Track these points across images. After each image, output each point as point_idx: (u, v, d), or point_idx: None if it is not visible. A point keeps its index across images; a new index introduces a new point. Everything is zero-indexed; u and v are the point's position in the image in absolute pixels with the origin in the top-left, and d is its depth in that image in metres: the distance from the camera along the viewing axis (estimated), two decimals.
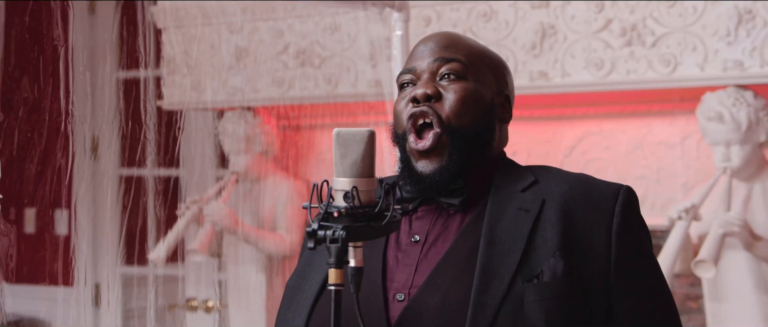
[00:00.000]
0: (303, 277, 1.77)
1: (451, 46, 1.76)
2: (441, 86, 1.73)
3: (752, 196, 3.46)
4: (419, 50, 1.79)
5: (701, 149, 3.80)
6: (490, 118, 1.75)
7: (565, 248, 1.61)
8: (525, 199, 1.68)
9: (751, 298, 3.47)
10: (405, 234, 1.71)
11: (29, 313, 4.71)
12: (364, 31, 4.01)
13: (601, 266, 1.63)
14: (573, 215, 1.65)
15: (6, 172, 2.87)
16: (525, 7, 3.70)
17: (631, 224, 1.69)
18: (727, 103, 3.39)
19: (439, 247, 1.67)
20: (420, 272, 1.65)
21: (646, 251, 1.71)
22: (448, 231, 1.69)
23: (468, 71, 1.74)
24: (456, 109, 1.70)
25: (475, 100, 1.72)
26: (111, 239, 4.23)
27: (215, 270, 4.57)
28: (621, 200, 1.68)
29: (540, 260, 1.61)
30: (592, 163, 3.98)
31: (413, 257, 1.68)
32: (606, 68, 3.56)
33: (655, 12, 3.50)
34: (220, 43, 4.39)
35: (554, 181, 1.71)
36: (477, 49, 1.79)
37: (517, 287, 1.58)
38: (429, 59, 1.76)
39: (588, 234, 1.64)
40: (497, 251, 1.62)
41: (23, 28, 3.12)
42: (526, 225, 1.64)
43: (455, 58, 1.74)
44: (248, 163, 4.40)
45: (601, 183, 1.72)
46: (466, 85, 1.72)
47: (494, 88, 1.77)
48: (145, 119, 3.37)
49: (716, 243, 3.30)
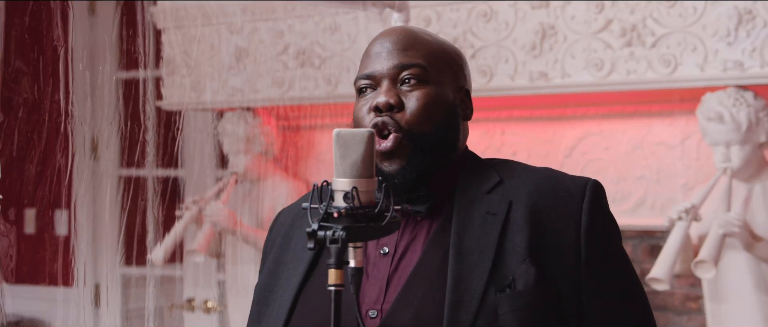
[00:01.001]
0: (275, 277, 1.75)
1: (410, 47, 1.71)
2: (402, 92, 1.69)
3: (752, 196, 3.46)
4: (375, 53, 1.73)
5: (701, 150, 3.80)
6: (452, 118, 1.71)
7: (535, 253, 1.59)
8: (491, 201, 1.65)
9: (751, 298, 3.47)
10: (373, 245, 1.68)
11: (29, 314, 4.71)
12: (364, 32, 4.01)
13: (571, 266, 1.61)
14: (541, 216, 1.62)
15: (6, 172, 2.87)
16: (525, 8, 3.69)
17: (600, 221, 1.66)
18: (727, 103, 3.39)
19: (409, 259, 1.64)
20: (392, 287, 1.63)
21: (616, 248, 1.69)
22: (417, 240, 1.66)
23: (428, 74, 1.69)
24: (418, 116, 1.67)
25: (437, 105, 1.68)
26: (110, 239, 4.23)
27: (215, 270, 4.57)
28: (588, 197, 1.65)
29: (511, 267, 1.58)
30: (592, 163, 3.98)
31: (383, 271, 1.65)
32: (606, 69, 3.56)
33: (655, 12, 3.50)
34: (220, 44, 4.39)
35: (520, 179, 1.68)
36: (435, 47, 1.73)
37: (490, 299, 1.56)
38: (388, 63, 1.71)
39: (557, 235, 1.62)
40: (467, 262, 1.59)
41: (23, 29, 3.12)
42: (494, 230, 1.61)
43: (415, 63, 1.69)
44: (248, 164, 4.40)
45: (566, 179, 1.69)
46: (428, 91, 1.68)
47: (454, 86, 1.73)
48: (145, 120, 3.36)
49: (716, 243, 3.30)
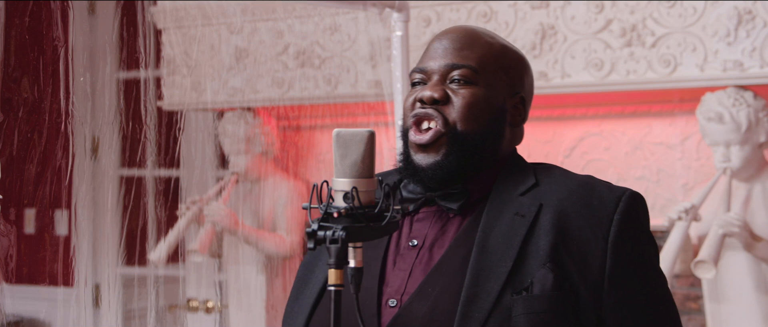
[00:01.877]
0: (310, 270, 1.78)
1: (465, 47, 1.72)
2: (450, 89, 1.70)
3: (752, 196, 3.46)
4: (433, 48, 1.75)
5: (701, 150, 3.80)
6: (499, 123, 1.72)
7: (556, 259, 1.58)
8: (522, 203, 1.65)
9: (750, 298, 3.47)
10: (405, 236, 1.70)
11: (29, 314, 4.70)
12: (364, 32, 4.01)
13: (594, 278, 1.58)
14: (568, 223, 1.61)
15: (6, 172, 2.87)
16: (525, 8, 3.70)
17: (631, 233, 1.63)
18: (727, 103, 3.39)
19: (435, 253, 1.66)
20: (413, 278, 1.64)
21: (645, 263, 1.65)
22: (445, 236, 1.67)
23: (479, 77, 1.70)
24: (463, 114, 1.68)
25: (483, 107, 1.69)
26: (111, 240, 4.24)
27: (215, 270, 4.57)
28: (621, 207, 1.63)
29: (531, 270, 1.57)
30: (592, 163, 3.98)
31: (408, 262, 1.66)
32: (606, 69, 3.56)
33: (655, 12, 3.50)
34: (220, 44, 4.39)
35: (555, 184, 1.67)
36: (493, 49, 1.74)
37: (506, 299, 1.56)
38: (441, 61, 1.72)
39: (583, 243, 1.60)
40: (488, 261, 1.59)
41: (23, 29, 3.12)
42: (520, 231, 1.61)
43: (466, 65, 1.70)
44: (248, 164, 4.40)
45: (603, 188, 1.66)
46: (475, 91, 1.69)
47: (507, 91, 1.73)
48: (145, 120, 3.37)
49: (716, 243, 3.30)
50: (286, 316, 1.77)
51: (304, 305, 1.72)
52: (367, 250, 1.67)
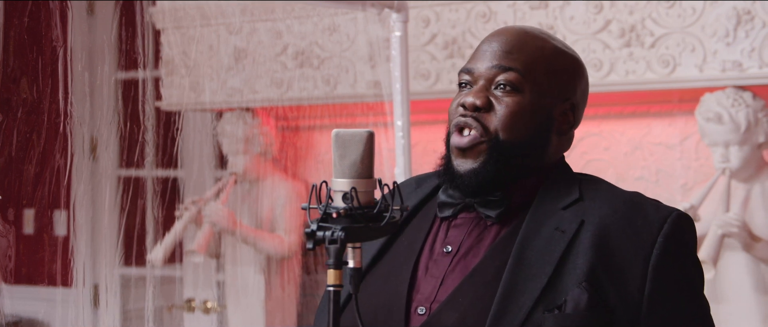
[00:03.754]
0: None
1: (514, 50, 1.66)
2: (494, 96, 1.64)
3: (751, 197, 3.46)
4: (482, 50, 1.69)
5: (700, 150, 3.80)
6: (544, 131, 1.66)
7: (592, 279, 1.52)
8: (563, 218, 1.59)
9: (749, 298, 3.47)
10: (440, 242, 1.66)
11: (28, 314, 4.70)
12: (363, 32, 4.01)
13: (632, 301, 1.53)
14: (609, 242, 1.55)
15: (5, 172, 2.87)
16: (524, 8, 3.70)
17: (675, 257, 1.56)
18: (726, 103, 3.39)
19: (469, 261, 1.62)
20: (445, 286, 1.60)
21: (687, 289, 1.59)
22: (481, 244, 1.63)
23: (525, 83, 1.64)
24: (505, 123, 1.62)
25: (528, 116, 1.64)
26: (110, 240, 4.23)
27: (214, 271, 4.57)
28: (666, 230, 1.56)
29: (566, 288, 1.53)
30: (591, 163, 3.98)
31: (442, 269, 1.63)
32: (605, 69, 3.56)
33: (654, 13, 3.50)
34: (219, 44, 4.38)
35: (599, 201, 1.61)
36: (544, 53, 1.68)
37: (537, 316, 1.52)
38: (488, 63, 1.66)
39: (623, 264, 1.54)
40: (523, 275, 1.55)
41: (22, 29, 3.12)
42: (558, 248, 1.56)
43: (513, 68, 1.64)
44: (247, 164, 4.40)
45: (650, 207, 1.60)
46: (520, 100, 1.63)
47: (557, 98, 1.67)
48: (144, 120, 3.37)
49: (715, 244, 3.30)
50: (316, 322, 1.75)
51: (324, 312, 1.70)
52: (400, 255, 1.66)
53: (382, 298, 1.60)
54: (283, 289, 4.43)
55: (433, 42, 3.87)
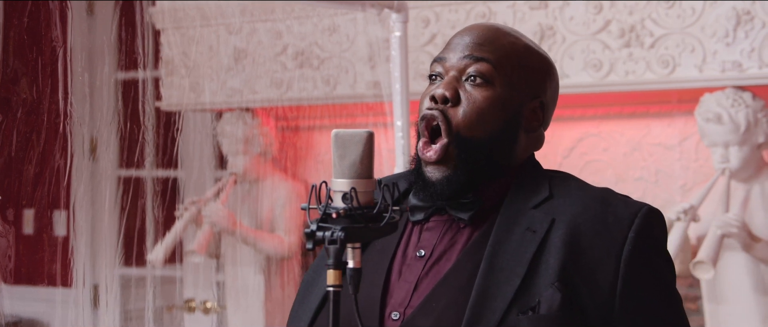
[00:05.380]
0: (318, 273, 1.73)
1: (487, 43, 1.64)
2: (463, 88, 1.62)
3: (751, 197, 3.46)
4: (454, 42, 1.68)
5: (700, 150, 3.80)
6: (512, 127, 1.64)
7: (565, 278, 1.52)
8: (534, 217, 1.58)
9: (749, 299, 3.47)
10: (413, 246, 1.65)
11: (28, 314, 4.70)
12: (363, 33, 4.01)
13: (604, 297, 1.53)
14: (580, 241, 1.55)
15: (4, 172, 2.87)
16: (523, 9, 3.70)
17: (646, 253, 1.56)
18: (726, 104, 3.39)
19: (442, 265, 1.61)
20: (419, 291, 1.59)
21: (660, 284, 1.58)
22: (455, 247, 1.62)
23: (496, 75, 1.62)
24: (469, 118, 1.61)
25: (496, 110, 1.62)
26: (109, 240, 4.24)
27: (213, 271, 4.57)
28: (637, 225, 1.56)
29: (539, 289, 1.52)
30: (590, 164, 3.99)
31: (415, 273, 1.62)
32: (604, 69, 3.56)
33: (654, 13, 3.50)
34: (219, 44, 4.39)
35: (570, 198, 1.60)
36: (517, 48, 1.66)
37: (511, 318, 1.51)
38: (460, 54, 1.65)
39: (594, 261, 1.54)
40: (496, 278, 1.54)
41: (22, 29, 3.12)
42: (530, 249, 1.55)
43: (485, 58, 1.62)
44: (247, 164, 4.40)
45: (619, 204, 1.59)
46: (489, 94, 1.61)
47: (526, 94, 1.65)
48: (144, 120, 3.37)
49: (715, 244, 3.30)
50: (291, 319, 1.75)
51: (307, 309, 1.70)
52: (373, 260, 1.64)
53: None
54: (283, 289, 4.43)
55: (433, 42, 3.87)
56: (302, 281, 1.77)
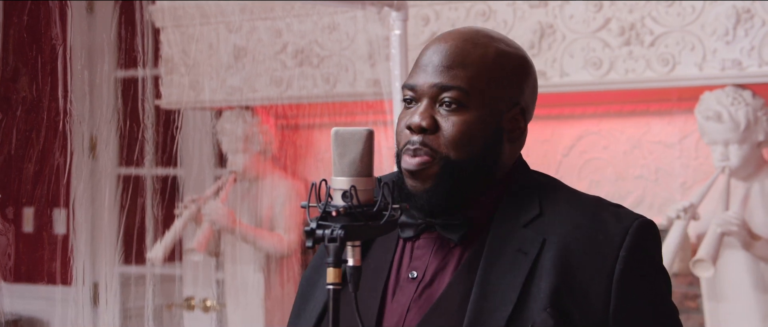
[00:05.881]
0: (312, 286, 1.72)
1: (455, 65, 1.59)
2: (440, 115, 1.59)
3: (751, 195, 3.46)
4: (422, 64, 1.63)
5: (700, 148, 3.80)
6: (495, 142, 1.61)
7: (558, 301, 1.50)
8: (525, 237, 1.56)
9: (749, 297, 3.47)
10: (405, 266, 1.63)
11: (27, 313, 4.71)
12: (363, 31, 4.01)
13: (598, 319, 1.51)
14: (571, 261, 1.53)
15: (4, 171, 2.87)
16: (523, 7, 3.70)
17: (638, 270, 1.54)
18: (726, 102, 3.39)
19: (434, 288, 1.59)
20: (411, 314, 1.58)
21: (653, 298, 1.56)
22: (446, 269, 1.60)
23: (470, 98, 1.58)
24: (454, 143, 1.57)
25: (476, 131, 1.58)
26: (109, 238, 4.24)
27: (213, 269, 4.58)
28: (628, 243, 1.54)
29: (532, 314, 1.50)
30: (590, 162, 3.99)
31: (407, 295, 1.60)
32: (604, 67, 3.56)
33: (654, 11, 3.50)
34: (219, 43, 4.39)
35: (560, 214, 1.57)
36: (487, 61, 1.61)
37: None
38: (430, 80, 1.59)
39: (586, 282, 1.52)
40: (488, 304, 1.53)
41: (21, 28, 3.12)
42: (521, 272, 1.53)
43: (456, 86, 1.58)
44: (247, 163, 4.40)
45: (610, 219, 1.56)
46: (466, 118, 1.57)
47: (505, 103, 1.62)
48: (144, 118, 3.37)
49: (715, 242, 3.30)
50: (292, 318, 1.74)
51: (311, 309, 1.69)
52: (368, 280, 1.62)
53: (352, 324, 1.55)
54: (283, 287, 4.43)
55: None
56: (301, 279, 1.77)
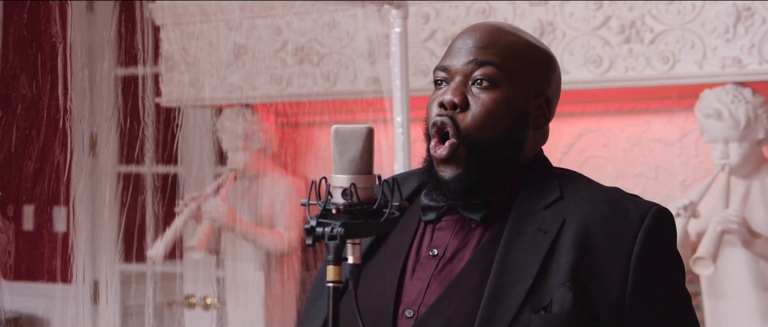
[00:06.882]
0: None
1: (490, 45, 1.66)
2: (471, 93, 1.64)
3: (750, 193, 3.46)
4: (456, 47, 1.69)
5: (700, 146, 3.80)
6: (519, 127, 1.66)
7: (577, 277, 1.54)
8: (545, 218, 1.60)
9: (749, 295, 3.47)
10: (426, 245, 1.67)
11: (28, 311, 4.70)
12: (363, 28, 4.01)
13: (614, 298, 1.55)
14: (590, 240, 1.57)
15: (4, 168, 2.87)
16: (523, 5, 3.69)
17: (655, 252, 1.58)
18: (726, 100, 3.39)
19: (455, 265, 1.62)
20: (431, 289, 1.61)
21: (669, 283, 1.60)
22: (467, 247, 1.64)
23: (502, 77, 1.64)
24: (478, 122, 1.62)
25: (503, 111, 1.63)
26: (109, 236, 4.24)
27: (213, 267, 4.58)
28: (646, 226, 1.58)
29: (551, 288, 1.54)
30: (590, 160, 3.99)
31: (427, 272, 1.63)
32: (604, 65, 3.56)
33: (654, 9, 3.50)
34: (219, 41, 4.39)
35: (580, 199, 1.62)
36: (519, 47, 1.68)
37: (524, 318, 1.53)
38: (464, 59, 1.66)
39: (604, 261, 1.56)
40: (508, 277, 1.56)
41: (22, 26, 3.12)
42: (541, 249, 1.57)
43: (490, 62, 1.64)
44: (247, 161, 4.40)
45: (629, 204, 1.61)
46: (496, 96, 1.63)
47: (532, 91, 1.68)
48: (144, 116, 3.37)
49: (715, 240, 3.30)
50: (306, 317, 1.76)
51: (321, 309, 1.71)
52: (387, 258, 1.66)
53: (370, 301, 1.60)
54: (283, 285, 4.44)
55: (433, 38, 3.87)
56: (316, 279, 1.78)
